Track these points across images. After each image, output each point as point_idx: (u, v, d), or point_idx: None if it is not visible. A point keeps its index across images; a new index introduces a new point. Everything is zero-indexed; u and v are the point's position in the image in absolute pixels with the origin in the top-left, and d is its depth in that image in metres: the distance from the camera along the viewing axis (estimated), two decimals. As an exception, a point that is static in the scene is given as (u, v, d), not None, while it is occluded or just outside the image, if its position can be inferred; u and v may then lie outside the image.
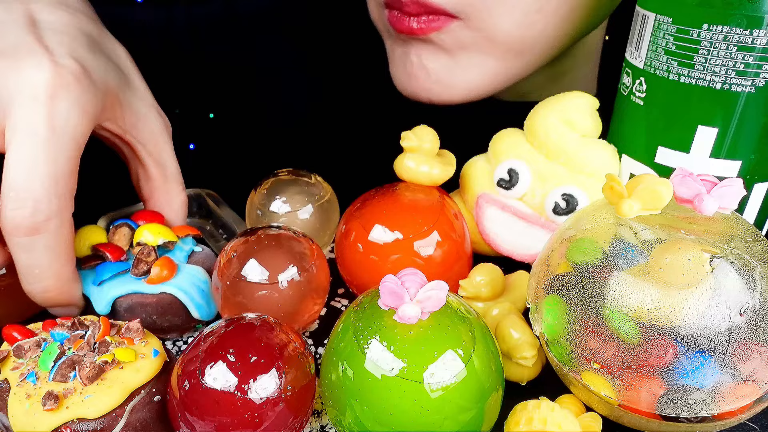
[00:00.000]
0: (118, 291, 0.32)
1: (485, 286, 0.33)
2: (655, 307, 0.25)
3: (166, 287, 0.32)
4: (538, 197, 0.36)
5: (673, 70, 0.31)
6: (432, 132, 0.36)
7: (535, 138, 0.36)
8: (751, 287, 0.25)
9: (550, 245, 0.30)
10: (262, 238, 0.32)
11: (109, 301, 0.32)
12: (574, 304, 0.27)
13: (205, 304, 0.33)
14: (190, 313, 0.33)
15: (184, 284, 0.33)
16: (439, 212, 0.35)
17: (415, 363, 0.24)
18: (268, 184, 0.39)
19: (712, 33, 0.29)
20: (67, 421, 0.25)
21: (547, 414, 0.26)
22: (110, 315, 0.32)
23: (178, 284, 0.32)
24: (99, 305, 0.32)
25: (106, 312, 0.32)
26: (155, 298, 0.32)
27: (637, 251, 0.26)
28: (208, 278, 0.34)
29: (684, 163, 0.32)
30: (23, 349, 0.27)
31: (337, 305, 0.37)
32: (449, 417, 0.24)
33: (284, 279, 0.31)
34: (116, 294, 0.32)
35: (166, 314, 0.32)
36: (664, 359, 0.25)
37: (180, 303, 0.32)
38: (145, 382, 0.27)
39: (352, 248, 0.35)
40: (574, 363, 0.27)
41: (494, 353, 0.26)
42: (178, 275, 0.33)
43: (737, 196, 0.26)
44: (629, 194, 0.26)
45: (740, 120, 0.30)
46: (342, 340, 0.26)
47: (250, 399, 0.25)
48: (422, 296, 0.24)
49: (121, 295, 0.32)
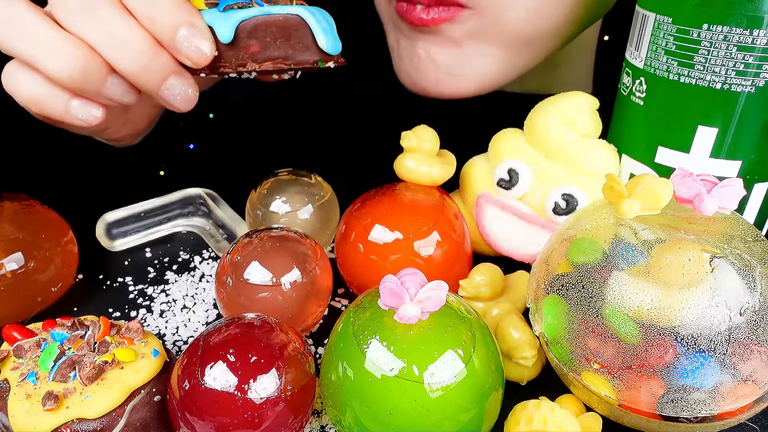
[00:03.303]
0: (243, 14, 0.30)
1: (485, 286, 0.33)
2: (655, 307, 0.25)
3: (294, 9, 0.30)
4: (538, 197, 0.36)
5: (673, 70, 0.31)
6: (432, 132, 0.36)
7: (535, 138, 0.36)
8: (751, 287, 0.25)
9: (550, 245, 0.30)
10: (264, 240, 0.32)
11: (234, 24, 0.29)
12: (574, 304, 0.27)
13: (332, 33, 0.31)
14: (316, 41, 0.30)
15: (312, 10, 0.31)
16: (439, 212, 0.35)
17: (415, 363, 0.24)
18: (268, 184, 0.39)
19: (712, 33, 0.29)
20: (67, 421, 0.25)
21: (547, 414, 0.26)
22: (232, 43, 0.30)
23: (307, 9, 0.30)
24: (222, 29, 0.29)
25: (230, 37, 0.30)
26: (282, 17, 0.30)
27: (637, 251, 0.26)
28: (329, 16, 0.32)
29: (684, 163, 0.32)
30: (23, 349, 0.27)
31: (337, 305, 0.37)
32: (449, 417, 0.24)
33: (287, 281, 0.31)
34: (242, 17, 0.30)
35: (290, 38, 0.30)
36: (664, 359, 0.25)
37: (306, 27, 0.30)
38: (145, 382, 0.27)
39: (352, 248, 0.35)
40: (574, 363, 0.27)
41: (494, 353, 0.26)
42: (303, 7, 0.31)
43: (737, 196, 0.26)
44: (629, 194, 0.26)
45: (740, 120, 0.30)
46: (342, 340, 0.26)
47: (250, 399, 0.25)
48: (422, 296, 0.24)
49: (246, 18, 0.30)
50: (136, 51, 0.28)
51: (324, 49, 0.31)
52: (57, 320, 0.29)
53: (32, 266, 0.33)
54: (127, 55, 0.29)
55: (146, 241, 0.42)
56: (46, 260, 0.34)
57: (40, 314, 0.35)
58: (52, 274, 0.35)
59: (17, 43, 0.29)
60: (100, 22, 0.28)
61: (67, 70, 0.28)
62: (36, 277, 0.34)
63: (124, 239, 0.41)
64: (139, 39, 0.28)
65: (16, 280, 0.33)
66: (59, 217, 0.36)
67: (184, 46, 0.29)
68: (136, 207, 0.42)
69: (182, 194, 0.44)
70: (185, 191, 0.44)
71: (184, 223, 0.44)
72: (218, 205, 0.43)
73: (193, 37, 0.29)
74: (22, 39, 0.29)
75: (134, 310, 0.36)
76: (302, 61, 0.31)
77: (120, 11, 0.28)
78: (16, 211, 0.34)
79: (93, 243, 0.41)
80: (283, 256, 0.32)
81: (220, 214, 0.42)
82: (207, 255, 0.41)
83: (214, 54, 0.30)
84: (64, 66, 0.28)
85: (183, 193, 0.44)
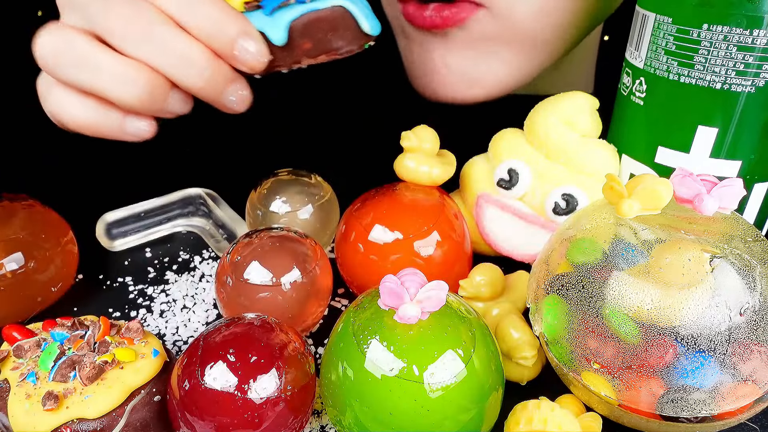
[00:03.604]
0: (291, 14, 0.31)
1: (485, 286, 0.33)
2: (655, 307, 0.25)
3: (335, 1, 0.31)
4: (538, 197, 0.36)
5: (673, 70, 0.31)
6: (432, 132, 0.36)
7: (535, 138, 0.36)
8: (751, 287, 0.25)
9: (550, 245, 0.30)
10: (264, 240, 0.32)
11: (286, 26, 0.31)
12: (574, 304, 0.27)
13: (371, 15, 0.33)
14: (359, 26, 0.32)
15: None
16: (439, 212, 0.35)
17: (415, 363, 0.24)
18: (268, 184, 0.39)
19: (712, 33, 0.29)
20: (67, 421, 0.25)
21: (547, 414, 0.26)
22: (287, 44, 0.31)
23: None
24: (276, 33, 0.31)
25: (284, 40, 0.31)
26: (329, 12, 0.31)
27: (637, 251, 0.26)
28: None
29: (684, 163, 0.32)
30: (23, 349, 0.27)
31: (337, 305, 0.37)
32: (449, 417, 0.24)
33: (287, 281, 0.31)
34: (291, 17, 0.31)
35: (338, 29, 0.32)
36: (664, 359, 0.25)
37: (350, 16, 0.32)
38: (145, 382, 0.27)
39: (352, 248, 0.35)
40: (574, 363, 0.27)
41: (494, 353, 0.26)
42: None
43: (737, 196, 0.26)
44: (629, 194, 0.26)
45: (740, 120, 0.30)
46: (342, 340, 0.26)
47: (250, 399, 0.25)
48: (422, 296, 0.24)
49: (295, 18, 0.31)
50: (200, 67, 0.29)
51: (367, 32, 0.32)
52: (57, 320, 0.29)
53: (32, 266, 0.33)
54: (192, 72, 0.29)
55: (146, 241, 0.42)
56: (46, 260, 0.34)
57: (40, 314, 0.35)
58: (52, 274, 0.35)
59: (82, 76, 0.29)
60: (162, 44, 0.29)
61: (137, 95, 0.29)
62: (36, 277, 0.34)
63: (124, 239, 0.41)
64: (201, 55, 0.29)
65: (16, 280, 0.33)
66: (59, 217, 0.36)
67: (242, 55, 0.30)
68: (136, 207, 0.42)
69: (182, 194, 0.44)
70: (185, 191, 0.44)
71: (184, 223, 0.44)
72: (218, 205, 0.43)
73: (250, 47, 0.30)
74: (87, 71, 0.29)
75: (134, 310, 0.36)
76: (351, 49, 0.33)
77: (177, 31, 0.29)
78: (16, 211, 0.34)
79: (93, 243, 0.41)
80: (283, 256, 0.32)
81: (220, 214, 0.42)
82: (207, 255, 0.41)
83: (269, 58, 0.31)
84: (134, 92, 0.29)
85: (183, 193, 0.44)
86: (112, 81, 0.29)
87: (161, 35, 0.29)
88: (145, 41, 0.29)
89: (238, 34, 0.29)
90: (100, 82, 0.29)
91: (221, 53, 0.30)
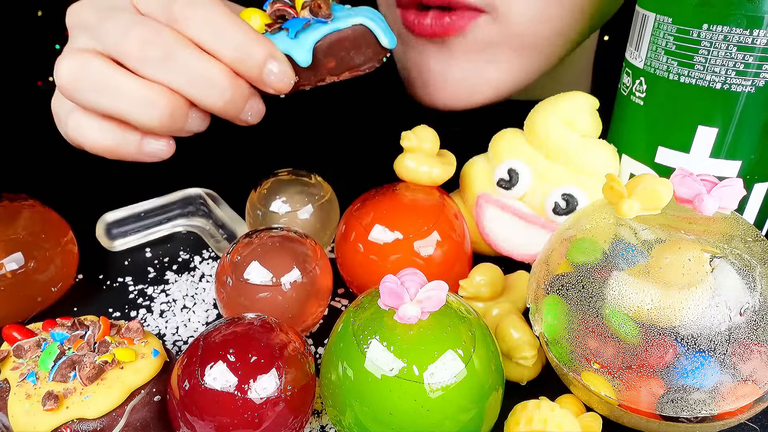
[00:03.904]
0: (315, 35, 0.32)
1: (485, 286, 0.33)
2: (655, 307, 0.25)
3: (355, 19, 0.32)
4: (538, 197, 0.36)
5: (673, 70, 0.31)
6: (432, 132, 0.36)
7: (535, 138, 0.36)
8: (751, 287, 0.25)
9: (550, 245, 0.30)
10: (264, 240, 0.32)
11: (310, 47, 0.32)
12: (574, 304, 0.27)
13: (388, 30, 0.34)
14: (379, 41, 0.33)
15: (367, 15, 0.33)
16: (439, 212, 0.35)
17: (415, 363, 0.24)
18: (268, 184, 0.39)
19: (712, 33, 0.29)
20: (67, 421, 0.25)
21: (547, 414, 0.26)
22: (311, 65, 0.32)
23: (364, 15, 0.33)
24: (301, 55, 0.31)
25: (309, 61, 0.32)
26: (351, 31, 0.32)
27: (637, 251, 0.26)
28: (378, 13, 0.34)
29: (684, 163, 0.32)
30: (23, 349, 0.27)
31: (337, 305, 0.37)
32: (449, 417, 0.24)
33: (287, 281, 0.31)
34: (315, 38, 0.32)
35: (360, 47, 0.33)
36: (664, 359, 0.25)
37: (371, 33, 0.33)
38: (145, 382, 0.27)
39: (352, 248, 0.35)
40: (574, 363, 0.27)
41: (494, 353, 0.26)
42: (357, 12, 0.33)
43: (737, 196, 0.26)
44: (629, 194, 0.26)
45: (740, 120, 0.30)
46: (342, 340, 0.26)
47: (250, 399, 0.25)
48: (422, 296, 0.24)
49: (319, 39, 0.32)
50: (221, 88, 0.30)
51: (386, 47, 0.34)
52: (57, 320, 0.29)
53: (32, 266, 0.33)
54: (214, 93, 0.30)
55: (146, 241, 0.42)
56: (46, 260, 0.34)
57: (40, 314, 0.35)
58: (52, 274, 0.35)
59: (102, 100, 0.29)
60: (183, 68, 0.29)
61: (158, 118, 0.29)
62: (36, 277, 0.34)
63: (124, 239, 0.41)
64: (222, 76, 0.30)
65: (16, 280, 0.33)
66: (59, 217, 0.36)
67: (270, 79, 0.30)
68: (136, 207, 0.42)
69: (182, 194, 0.44)
70: (185, 191, 0.44)
71: (184, 223, 0.44)
72: (218, 205, 0.43)
73: (278, 70, 0.30)
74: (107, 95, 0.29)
75: (134, 310, 0.36)
76: (372, 65, 0.34)
77: (198, 53, 0.29)
78: (16, 211, 0.34)
79: (93, 243, 0.41)
80: (283, 256, 0.32)
81: (220, 214, 0.42)
82: (207, 255, 0.41)
83: (296, 80, 0.32)
84: (155, 114, 0.29)
85: (183, 193, 0.44)
86: (133, 104, 0.29)
87: (183, 58, 0.29)
88: (167, 65, 0.29)
89: (265, 58, 0.30)
90: (120, 105, 0.29)
91: (249, 77, 0.30)
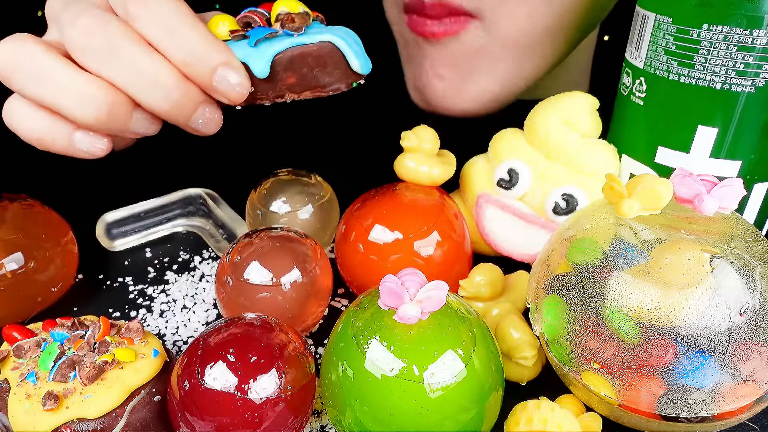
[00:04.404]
0: (276, 47, 0.30)
1: (485, 286, 0.33)
2: (655, 307, 0.25)
3: (324, 35, 0.30)
4: (538, 197, 0.36)
5: (673, 70, 0.31)
6: (432, 132, 0.36)
7: (535, 138, 0.36)
8: (751, 287, 0.25)
9: (550, 245, 0.30)
10: (264, 240, 0.32)
11: (269, 59, 0.30)
12: (574, 304, 0.27)
13: (362, 54, 0.32)
14: (349, 64, 0.31)
15: (340, 33, 0.31)
16: (439, 212, 0.35)
17: (415, 363, 0.24)
18: (268, 184, 0.39)
19: (712, 33, 0.29)
20: (67, 421, 0.25)
21: (547, 414, 0.26)
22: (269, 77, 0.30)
23: (335, 33, 0.31)
24: (258, 66, 0.29)
25: (266, 73, 0.30)
26: (316, 48, 0.30)
27: (637, 251, 0.26)
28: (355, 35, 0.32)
29: (684, 163, 0.32)
30: (23, 349, 0.27)
31: (337, 305, 0.37)
32: (449, 417, 0.24)
33: (287, 281, 0.31)
34: (276, 50, 0.30)
35: (326, 66, 0.31)
36: (664, 359, 0.25)
37: (339, 53, 0.31)
38: (145, 382, 0.27)
39: (352, 248, 0.35)
40: (574, 363, 0.27)
41: (494, 353, 0.26)
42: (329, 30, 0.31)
43: (737, 196, 0.26)
44: (629, 194, 0.26)
45: (740, 120, 0.30)
46: (342, 340, 0.26)
47: (250, 399, 0.25)
48: (422, 296, 0.24)
49: (280, 51, 0.30)
50: (167, 89, 0.28)
51: (357, 71, 0.31)
52: (57, 320, 0.29)
53: (32, 266, 0.33)
54: (158, 93, 0.28)
55: (146, 241, 0.42)
56: (46, 260, 0.34)
57: (40, 314, 0.35)
58: (52, 274, 0.35)
59: (38, 89, 0.28)
60: (127, 62, 0.27)
61: (94, 114, 0.28)
62: (36, 277, 0.34)
63: (124, 239, 0.41)
64: (169, 76, 0.28)
65: (16, 280, 0.33)
66: (59, 217, 0.36)
67: (222, 86, 0.29)
68: (136, 207, 0.42)
69: (182, 194, 0.44)
70: (185, 191, 0.44)
71: (184, 223, 0.44)
72: (218, 205, 0.43)
73: (230, 77, 0.28)
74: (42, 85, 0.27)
75: (134, 310, 0.36)
76: (338, 87, 0.32)
77: (145, 49, 0.28)
78: (16, 211, 0.34)
79: (93, 243, 0.41)
80: (283, 256, 0.32)
81: (220, 214, 0.42)
82: (207, 255, 0.41)
83: (250, 90, 0.30)
84: (92, 110, 0.27)
85: (183, 193, 0.44)
86: (70, 96, 0.27)
87: (128, 53, 0.27)
88: (110, 59, 0.27)
89: (217, 64, 0.28)
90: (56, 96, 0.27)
91: (199, 82, 0.29)
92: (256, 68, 0.29)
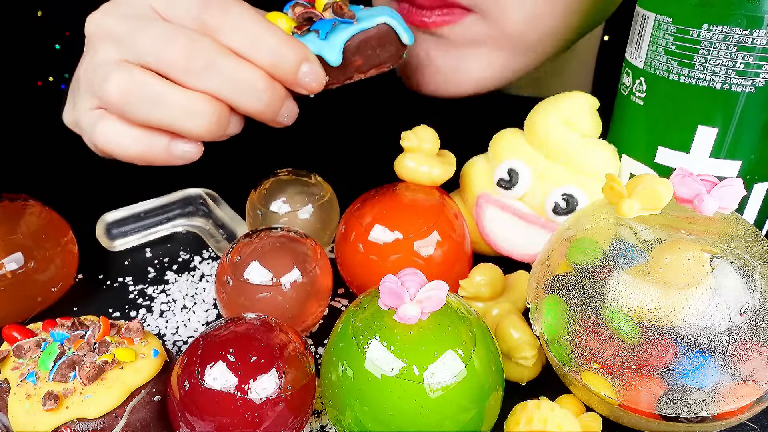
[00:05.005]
0: (343, 36, 0.33)
1: (485, 286, 0.33)
2: (655, 307, 0.25)
3: (378, 18, 0.34)
4: (538, 197, 0.36)
5: (673, 70, 0.31)
6: (432, 132, 0.36)
7: (535, 138, 0.36)
8: (751, 287, 0.25)
9: (550, 245, 0.30)
10: (264, 240, 0.32)
11: (341, 47, 0.33)
12: (574, 304, 0.27)
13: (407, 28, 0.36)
14: (400, 39, 0.35)
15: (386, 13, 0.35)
16: (439, 212, 0.35)
17: (415, 363, 0.24)
18: (268, 184, 0.39)
19: (712, 33, 0.29)
20: (67, 421, 0.25)
21: (547, 414, 0.26)
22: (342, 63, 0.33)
23: (386, 14, 0.35)
24: (332, 55, 0.33)
25: (340, 61, 0.33)
26: (376, 30, 0.34)
27: (637, 251, 0.26)
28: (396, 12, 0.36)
29: (684, 163, 0.32)
30: (23, 349, 0.27)
31: (337, 305, 0.37)
32: (449, 417, 0.24)
33: (287, 281, 0.31)
34: (344, 38, 0.33)
35: (385, 44, 0.35)
36: (664, 359, 0.25)
37: (393, 30, 0.35)
38: (145, 382, 0.27)
39: (352, 248, 0.35)
40: (574, 363, 0.27)
41: (494, 353, 0.26)
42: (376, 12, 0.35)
43: (737, 196, 0.26)
44: (629, 194, 0.26)
45: (740, 120, 0.30)
46: (342, 340, 0.26)
47: (250, 399, 0.25)
48: (422, 296, 0.24)
49: (348, 39, 0.33)
50: (260, 91, 0.31)
51: (406, 43, 0.36)
52: (57, 320, 0.29)
53: (32, 266, 0.33)
54: (253, 97, 0.31)
55: (146, 241, 0.42)
56: (46, 260, 0.34)
57: (40, 314, 0.35)
58: (52, 274, 0.35)
59: (149, 112, 0.30)
60: (225, 75, 0.30)
61: (207, 127, 0.31)
62: (36, 277, 0.34)
63: (124, 239, 0.41)
64: (261, 80, 0.31)
65: (16, 280, 0.33)
66: (59, 217, 0.36)
67: (305, 81, 0.32)
68: (136, 207, 0.42)
69: (182, 194, 0.44)
70: (185, 191, 0.44)
71: (184, 223, 0.44)
72: (218, 205, 0.43)
73: (311, 71, 0.32)
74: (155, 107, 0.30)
75: (134, 310, 0.36)
76: (395, 61, 0.36)
77: (237, 60, 0.30)
78: (16, 211, 0.34)
79: (93, 243, 0.41)
80: (283, 256, 0.32)
81: (220, 214, 0.42)
82: (207, 255, 0.41)
83: (327, 80, 0.33)
84: (203, 123, 0.30)
85: (183, 193, 0.44)
86: (184, 115, 0.30)
87: (224, 66, 0.30)
88: (210, 74, 0.30)
89: (299, 61, 0.31)
90: (171, 117, 0.30)
91: (284, 80, 0.31)
92: (330, 58, 0.33)
